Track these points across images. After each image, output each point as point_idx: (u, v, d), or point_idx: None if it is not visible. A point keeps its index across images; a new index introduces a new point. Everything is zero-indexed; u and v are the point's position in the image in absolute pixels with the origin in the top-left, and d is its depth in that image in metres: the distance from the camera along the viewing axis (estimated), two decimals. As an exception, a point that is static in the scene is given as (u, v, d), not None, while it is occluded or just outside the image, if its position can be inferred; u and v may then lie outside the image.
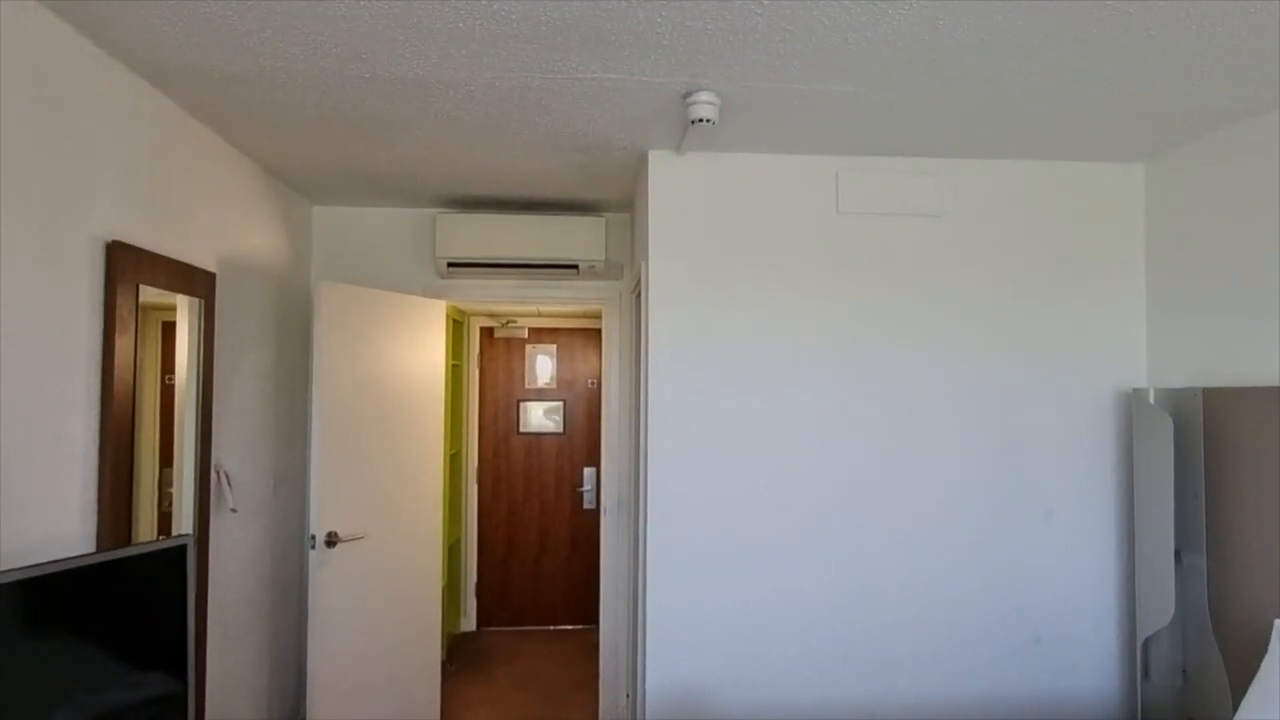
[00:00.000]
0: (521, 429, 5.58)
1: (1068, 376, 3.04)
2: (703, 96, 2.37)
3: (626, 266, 3.95)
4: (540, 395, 5.61)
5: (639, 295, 3.20)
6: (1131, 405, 2.86)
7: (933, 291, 3.01)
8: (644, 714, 2.90)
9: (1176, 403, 2.71)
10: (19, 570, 1.50)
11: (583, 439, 5.59)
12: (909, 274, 3.00)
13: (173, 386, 2.58)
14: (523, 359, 5.62)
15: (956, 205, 3.03)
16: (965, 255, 3.02)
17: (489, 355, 5.59)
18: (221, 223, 2.89)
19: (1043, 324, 3.04)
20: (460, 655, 4.89)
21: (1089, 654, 3.01)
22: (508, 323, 5.56)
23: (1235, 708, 2.33)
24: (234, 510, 2.93)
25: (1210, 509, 2.58)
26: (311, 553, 3.14)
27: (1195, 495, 2.61)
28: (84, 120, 2.04)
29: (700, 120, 2.40)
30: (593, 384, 5.60)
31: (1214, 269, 2.73)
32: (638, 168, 3.17)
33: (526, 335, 5.62)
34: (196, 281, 2.60)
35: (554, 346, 5.63)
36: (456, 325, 5.07)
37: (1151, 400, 2.76)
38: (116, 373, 2.11)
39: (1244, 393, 2.48)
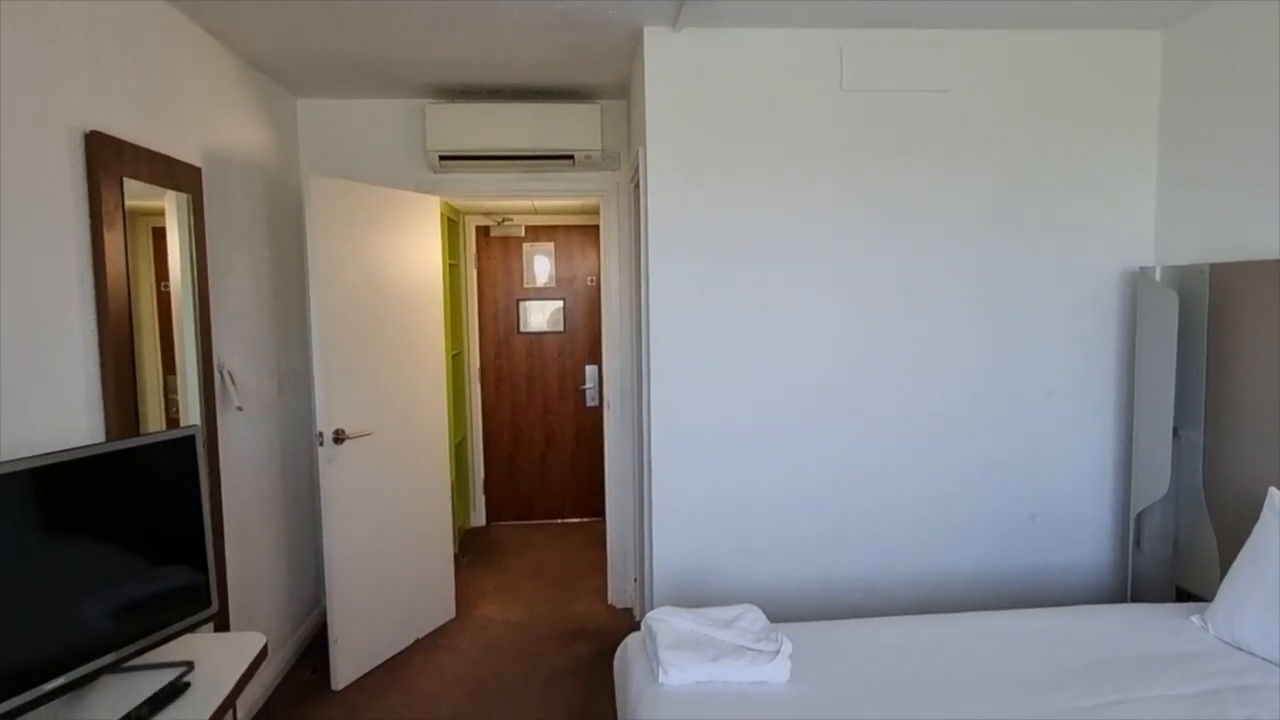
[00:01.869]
0: (522, 329, 5.57)
1: (1075, 256, 3.00)
2: (700, -38, 2.24)
3: (624, 156, 3.84)
4: (540, 294, 5.57)
5: (637, 185, 3.12)
6: (1137, 284, 2.83)
7: (940, 170, 2.93)
8: (652, 594, 3.00)
9: (1183, 279, 2.68)
10: (28, 459, 1.51)
11: (584, 337, 5.59)
12: (915, 153, 2.92)
13: (169, 294, 2.56)
14: (520, 258, 5.55)
15: (966, 79, 2.91)
16: (974, 131, 2.93)
17: (486, 255, 5.52)
18: (202, 115, 2.78)
19: (1052, 202, 2.97)
20: (471, 548, 5.05)
21: (1084, 528, 3.10)
22: (503, 221, 5.47)
23: (1222, 574, 2.40)
24: (240, 409, 2.95)
25: (1210, 385, 2.59)
26: (320, 449, 3.18)
27: (1196, 372, 2.62)
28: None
29: (698, -11, 2.27)
30: (592, 282, 5.55)
31: (1228, 141, 2.64)
32: (632, 48, 3.03)
33: (523, 234, 5.53)
34: (181, 176, 2.53)
35: (551, 245, 5.56)
36: (451, 225, 4.97)
37: (1158, 278, 2.73)
38: (109, 267, 2.08)
39: (1250, 267, 2.44)
